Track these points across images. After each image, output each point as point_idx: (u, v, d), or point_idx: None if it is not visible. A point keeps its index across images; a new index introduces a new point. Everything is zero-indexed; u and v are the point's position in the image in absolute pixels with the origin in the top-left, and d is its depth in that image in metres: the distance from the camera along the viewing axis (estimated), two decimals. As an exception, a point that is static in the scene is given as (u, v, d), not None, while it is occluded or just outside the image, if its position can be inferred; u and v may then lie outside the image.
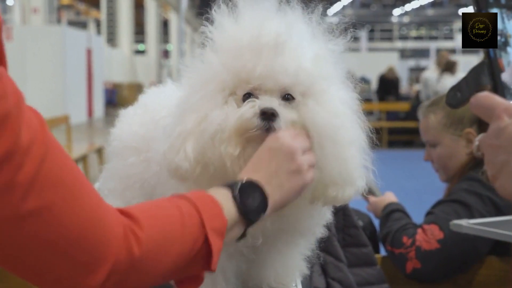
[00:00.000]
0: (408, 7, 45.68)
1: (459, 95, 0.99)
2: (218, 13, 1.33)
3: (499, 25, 0.95)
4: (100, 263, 0.97)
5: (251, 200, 1.17)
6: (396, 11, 48.87)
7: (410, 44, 51.34)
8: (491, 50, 0.94)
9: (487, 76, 0.95)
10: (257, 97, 1.29)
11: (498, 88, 0.93)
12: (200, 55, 1.38)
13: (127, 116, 1.66)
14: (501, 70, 0.94)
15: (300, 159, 1.23)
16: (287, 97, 1.29)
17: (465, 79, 0.99)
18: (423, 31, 55.61)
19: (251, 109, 1.26)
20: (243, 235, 1.20)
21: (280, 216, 1.32)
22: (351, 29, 1.38)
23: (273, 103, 1.27)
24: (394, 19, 51.80)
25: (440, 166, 2.64)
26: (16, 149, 0.89)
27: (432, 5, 46.26)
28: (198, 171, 1.29)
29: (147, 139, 1.52)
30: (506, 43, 0.96)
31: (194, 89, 1.34)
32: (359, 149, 1.32)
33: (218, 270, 1.38)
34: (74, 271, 0.96)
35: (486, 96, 0.90)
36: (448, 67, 10.94)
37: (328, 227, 1.52)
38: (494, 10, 0.95)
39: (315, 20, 1.35)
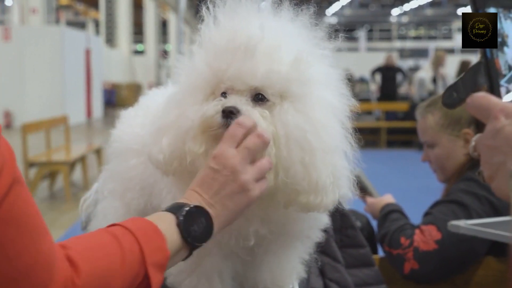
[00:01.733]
0: (406, 7, 45.71)
1: (455, 95, 0.99)
2: (206, 13, 1.35)
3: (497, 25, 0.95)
4: None
5: (196, 227, 1.17)
6: (395, 11, 48.90)
7: (409, 44, 51.37)
8: (487, 50, 0.93)
9: (483, 76, 0.94)
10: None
11: (495, 88, 0.92)
12: (189, 54, 1.40)
13: (128, 118, 1.66)
14: (497, 70, 0.93)
15: (243, 178, 1.20)
16: (261, 98, 1.29)
17: (461, 79, 0.98)
18: (422, 31, 55.65)
19: (214, 107, 1.28)
20: (189, 255, 1.21)
21: (267, 220, 1.33)
22: (343, 31, 1.37)
23: (238, 102, 1.27)
24: (393, 19, 51.83)
25: (438, 166, 2.64)
26: None
27: (430, 5, 46.28)
28: (175, 165, 1.32)
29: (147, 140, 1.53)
30: (503, 43, 0.95)
31: (181, 86, 1.38)
32: (338, 155, 1.29)
33: (214, 271, 1.38)
34: None
35: (483, 97, 0.89)
36: (463, 68, 10.87)
37: (325, 228, 1.52)
38: (492, 10, 0.95)
39: (303, 22, 1.34)
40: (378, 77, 14.14)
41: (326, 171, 1.26)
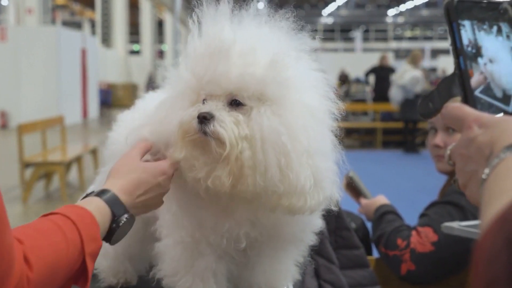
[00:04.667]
0: (402, 7, 45.80)
1: (431, 106, 1.01)
2: (192, 23, 1.38)
3: (470, 36, 0.97)
4: None
5: (120, 232, 1.30)
6: (391, 12, 48.99)
7: (405, 45, 51.42)
8: (461, 61, 0.95)
9: (458, 87, 0.96)
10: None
11: (469, 99, 0.94)
12: (177, 60, 1.44)
13: (125, 120, 1.68)
14: (471, 81, 0.95)
15: (167, 183, 1.37)
16: (236, 103, 1.31)
17: (437, 90, 1.01)
18: (417, 32, 55.74)
19: (191, 113, 1.31)
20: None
21: (257, 224, 1.35)
22: (339, 31, 1.39)
23: (213, 107, 1.29)
24: (388, 20, 51.91)
25: None
26: None
27: (426, 5, 46.38)
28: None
29: None
30: (477, 54, 0.97)
31: (169, 93, 1.43)
32: (319, 157, 1.29)
33: (209, 271, 1.40)
34: None
35: (457, 107, 0.91)
36: None
37: (320, 230, 1.52)
38: (465, 22, 0.97)
39: (282, 25, 1.34)
40: (372, 78, 14.16)
41: (304, 173, 1.25)
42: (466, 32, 0.97)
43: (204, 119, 1.28)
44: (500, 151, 0.79)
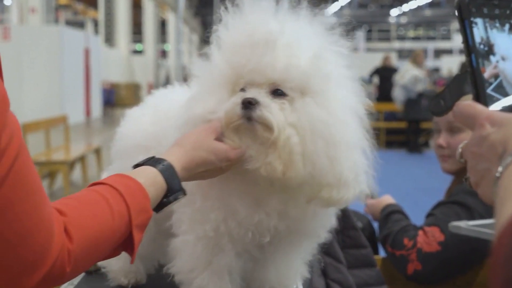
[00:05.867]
0: (405, 7, 45.76)
1: (442, 103, 1.01)
2: (224, 12, 1.39)
3: (482, 34, 0.96)
4: (39, 266, 1.02)
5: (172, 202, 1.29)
6: (394, 12, 48.96)
7: (408, 45, 51.37)
8: (473, 59, 0.95)
9: (469, 85, 0.96)
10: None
11: (481, 96, 0.93)
12: (207, 53, 1.43)
13: (135, 116, 1.67)
14: (484, 78, 0.95)
15: (227, 170, 1.34)
16: (279, 93, 1.32)
17: (448, 88, 1.00)
18: (420, 32, 55.71)
19: (234, 100, 1.32)
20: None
21: (286, 216, 1.35)
22: (352, 31, 1.40)
23: (257, 94, 1.31)
24: (391, 20, 51.89)
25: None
26: None
27: (429, 5, 46.35)
28: None
29: (159, 137, 1.55)
30: (489, 52, 0.96)
31: (202, 85, 1.42)
32: (357, 151, 1.32)
33: (226, 269, 1.40)
34: (17, 269, 1.01)
35: (469, 105, 0.91)
36: (464, 69, 10.90)
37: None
38: (477, 19, 0.96)
39: (320, 20, 1.37)
40: (376, 78, 14.17)
41: (348, 165, 1.28)
42: (478, 29, 0.96)
43: (250, 104, 1.29)
44: None
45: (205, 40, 1.49)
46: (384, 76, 13.68)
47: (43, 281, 1.03)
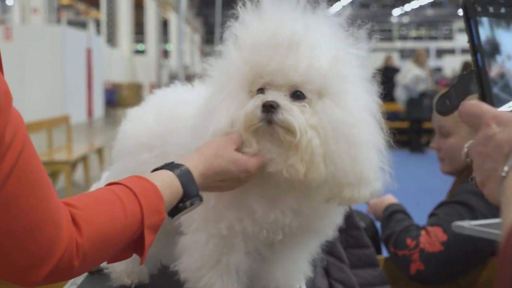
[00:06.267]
0: (407, 7, 45.73)
1: (448, 103, 1.01)
2: (242, 10, 1.38)
3: (488, 33, 0.96)
4: (47, 259, 1.03)
5: (187, 212, 1.29)
6: (396, 11, 48.92)
7: (410, 44, 51.38)
8: (479, 58, 0.94)
9: (475, 84, 0.95)
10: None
11: (487, 96, 0.93)
12: (223, 53, 1.42)
13: (137, 115, 1.67)
14: (490, 78, 0.94)
15: (246, 181, 1.32)
16: (298, 95, 1.32)
17: (454, 87, 1.00)
18: (422, 31, 55.70)
19: (254, 102, 1.31)
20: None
21: (300, 214, 1.35)
22: (371, 33, 1.40)
23: (277, 97, 1.30)
24: (393, 19, 51.87)
25: (448, 156, 2.60)
26: (1, 141, 0.95)
27: (431, 5, 46.31)
28: None
29: (163, 135, 1.55)
30: (495, 51, 0.96)
31: (219, 86, 1.40)
32: (375, 150, 1.33)
33: (233, 268, 1.40)
34: (25, 263, 1.02)
35: (474, 104, 0.91)
36: (466, 69, 10.91)
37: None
38: (483, 18, 0.96)
39: (339, 22, 1.37)
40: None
41: (368, 164, 1.29)
42: (484, 29, 0.96)
43: (271, 107, 1.28)
44: None
45: (207, 40, 1.48)
46: (386, 76, 13.64)
47: (51, 274, 1.04)
